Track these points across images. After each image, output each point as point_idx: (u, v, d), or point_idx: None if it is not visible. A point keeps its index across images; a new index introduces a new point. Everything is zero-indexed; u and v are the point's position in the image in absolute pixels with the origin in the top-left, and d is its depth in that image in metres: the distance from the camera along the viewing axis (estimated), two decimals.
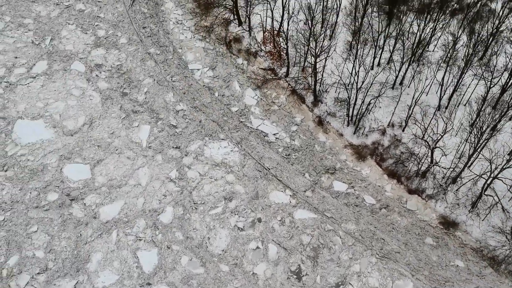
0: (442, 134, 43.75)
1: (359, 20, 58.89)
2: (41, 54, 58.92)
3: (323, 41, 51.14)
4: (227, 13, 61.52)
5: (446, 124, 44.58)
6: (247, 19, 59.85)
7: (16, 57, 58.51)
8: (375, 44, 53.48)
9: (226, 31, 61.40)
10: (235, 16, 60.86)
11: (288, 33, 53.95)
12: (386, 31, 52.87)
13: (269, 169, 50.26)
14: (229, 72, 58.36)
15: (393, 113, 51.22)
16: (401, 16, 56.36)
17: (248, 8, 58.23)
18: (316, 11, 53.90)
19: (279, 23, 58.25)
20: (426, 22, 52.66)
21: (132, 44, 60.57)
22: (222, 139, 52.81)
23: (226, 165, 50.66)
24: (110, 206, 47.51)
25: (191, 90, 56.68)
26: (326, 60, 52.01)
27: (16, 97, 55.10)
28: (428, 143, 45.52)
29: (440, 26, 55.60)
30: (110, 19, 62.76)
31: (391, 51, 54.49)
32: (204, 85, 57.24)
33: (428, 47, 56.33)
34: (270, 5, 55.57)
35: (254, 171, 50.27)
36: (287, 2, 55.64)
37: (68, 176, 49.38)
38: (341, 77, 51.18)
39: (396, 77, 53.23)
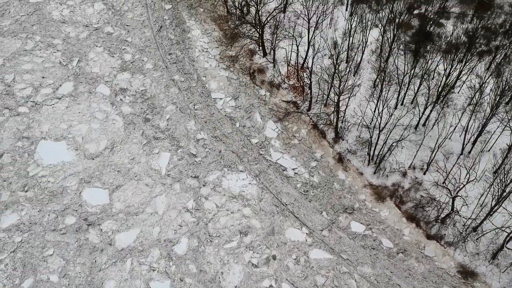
0: (464, 184, 43.04)
1: (385, 57, 58.91)
2: (68, 75, 59.95)
3: (347, 79, 50.99)
4: (253, 44, 61.94)
5: (468, 172, 43.86)
6: (272, 51, 60.16)
7: (43, 77, 59.66)
8: (400, 84, 53.22)
9: (251, 62, 61.78)
10: (260, 47, 61.24)
11: (312, 69, 54.01)
12: (412, 71, 52.52)
13: (286, 204, 49.98)
14: (251, 103, 58.55)
15: (414, 156, 50.67)
16: (427, 56, 56.15)
17: (274, 40, 58.54)
18: (342, 48, 54.06)
19: (303, 58, 58.38)
20: (453, 63, 52.32)
21: (158, 70, 61.28)
22: (240, 171, 52.77)
23: (244, 198, 50.52)
24: (126, 234, 47.63)
25: (213, 119, 56.95)
26: (349, 99, 51.84)
27: (41, 117, 56.01)
28: (449, 190, 44.80)
29: (467, 69, 55.09)
30: (137, 44, 63.70)
31: (416, 91, 54.13)
32: (225, 115, 57.47)
33: (453, 89, 55.84)
34: (296, 40, 55.76)
35: (271, 206, 50.01)
36: (312, 38, 55.82)
37: (87, 200, 49.75)
38: (363, 118, 50.92)
39: (420, 118, 52.76)
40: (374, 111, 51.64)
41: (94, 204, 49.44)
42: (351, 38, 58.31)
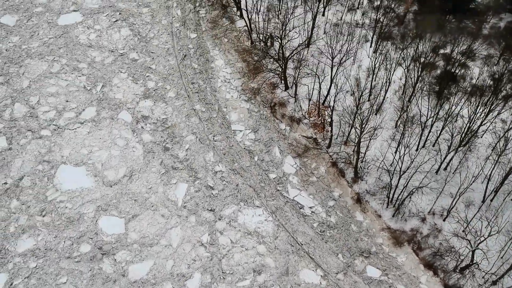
0: (485, 237, 42.06)
1: (408, 97, 58.50)
2: (91, 100, 60.71)
3: (368, 119, 50.57)
4: (275, 77, 62.08)
5: (489, 224, 42.88)
6: (293, 85, 60.18)
7: (67, 101, 60.50)
8: (422, 127, 52.67)
9: (272, 94, 61.86)
10: (282, 81, 61.34)
11: (334, 107, 53.82)
12: (435, 113, 51.93)
13: (302, 244, 49.40)
14: (271, 136, 58.43)
15: (434, 202, 49.81)
16: (451, 99, 55.58)
17: (296, 76, 58.58)
18: (365, 87, 53.81)
19: (325, 95, 58.26)
20: (477, 107, 51.62)
21: (180, 98, 61.69)
22: (257, 206, 52.45)
23: (259, 235, 50.10)
24: (140, 265, 47.50)
25: (232, 152, 56.92)
26: (370, 141, 51.40)
27: (63, 141, 56.65)
28: (469, 242, 43.80)
29: (491, 113, 54.28)
30: (161, 71, 64.33)
31: (438, 135, 53.48)
32: (244, 148, 57.42)
33: (477, 134, 54.99)
34: (319, 78, 55.71)
35: (286, 245, 49.48)
36: (335, 76, 55.73)
37: (103, 228, 49.87)
38: (384, 161, 50.38)
39: (441, 163, 51.98)
40: (395, 155, 51.07)
41: (109, 233, 49.52)
42: (374, 76, 58.10)
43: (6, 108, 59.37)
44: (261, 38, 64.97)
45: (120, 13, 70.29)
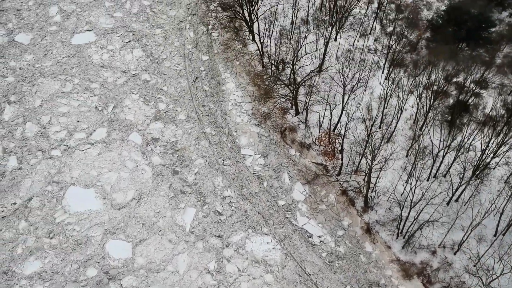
0: (497, 276, 41.24)
1: (419, 126, 58.07)
2: (102, 121, 60.90)
3: (380, 149, 50.16)
4: (286, 102, 61.96)
5: (501, 261, 42.08)
6: (304, 110, 60.00)
7: (78, 121, 60.74)
8: (434, 158, 52.14)
9: (282, 119, 61.70)
10: (293, 106, 61.20)
11: (344, 135, 53.50)
12: (446, 145, 51.40)
13: (310, 275, 48.77)
14: (281, 162, 58.12)
15: (445, 235, 49.06)
16: (464, 129, 55.10)
17: (307, 102, 58.43)
18: (376, 117, 53.50)
19: (336, 123, 57.99)
20: (490, 138, 51.05)
21: (190, 121, 61.71)
22: (265, 234, 51.99)
23: (266, 263, 49.58)
24: None
25: (241, 177, 56.66)
26: (380, 172, 50.93)
27: (73, 162, 56.75)
28: (481, 279, 42.98)
29: (505, 144, 53.65)
30: (172, 93, 64.50)
31: (450, 165, 52.89)
32: (254, 173, 57.15)
33: (489, 165, 54.33)
34: (330, 106, 55.51)
35: (294, 275, 48.89)
36: (346, 104, 55.51)
37: (110, 252, 49.63)
38: (394, 192, 49.84)
39: (453, 195, 51.33)
40: (406, 185, 50.55)
41: (116, 257, 49.26)
42: (386, 104, 57.78)
43: (17, 127, 59.71)
44: (272, 62, 65.01)
45: (133, 34, 70.80)
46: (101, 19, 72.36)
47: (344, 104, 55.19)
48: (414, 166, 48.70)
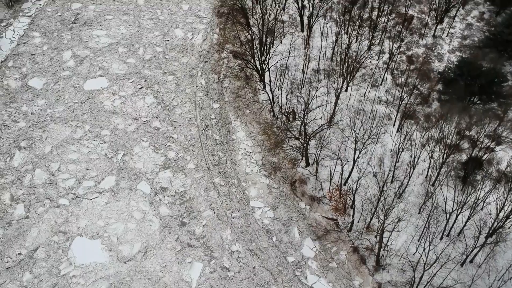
0: None
1: (432, 182, 57.17)
2: (111, 169, 60.61)
3: (392, 208, 49.18)
4: (296, 153, 61.47)
5: None
6: (314, 162, 59.41)
7: (87, 169, 60.50)
8: (447, 217, 51.04)
9: (292, 170, 61.07)
10: (303, 157, 60.66)
11: (356, 191, 52.69)
12: (460, 205, 50.33)
13: None
14: (290, 216, 57.15)
15: None
16: (477, 186, 54.18)
17: (317, 155, 57.88)
18: (387, 176, 52.78)
19: (346, 177, 57.28)
20: (506, 197, 49.99)
21: (199, 170, 61.25)
22: None
23: None
24: None
25: (249, 230, 55.68)
26: (392, 232, 49.81)
27: (80, 211, 56.19)
28: None
29: None
30: (182, 141, 64.31)
31: (464, 225, 51.68)
32: (263, 226, 56.15)
33: (504, 224, 53.07)
34: (341, 162, 54.93)
35: None
36: (357, 160, 54.91)
37: None
38: (407, 251, 48.60)
39: (467, 256, 49.94)
40: (418, 245, 49.33)
41: None
42: (397, 158, 57.13)
43: (26, 173, 59.54)
44: (283, 112, 64.93)
45: (145, 80, 71.32)
46: (114, 65, 73.12)
47: (355, 159, 54.56)
48: (426, 226, 47.56)
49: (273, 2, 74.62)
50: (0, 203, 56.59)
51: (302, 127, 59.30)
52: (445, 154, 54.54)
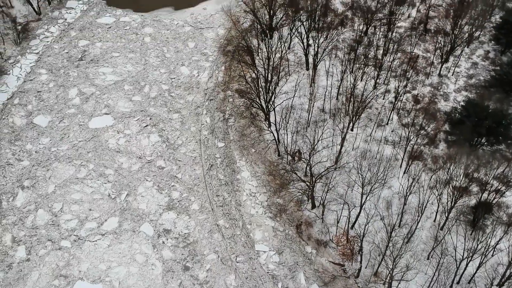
0: None
1: (441, 226, 56.07)
2: (114, 209, 59.84)
3: (400, 256, 47.97)
4: (302, 195, 60.62)
5: None
6: (321, 205, 58.48)
7: (90, 209, 59.75)
8: (457, 265, 49.75)
9: (298, 211, 60.11)
10: (309, 199, 59.77)
11: (363, 236, 51.59)
12: (470, 253, 49.09)
13: None
14: (296, 260, 55.89)
15: None
16: (488, 230, 53.02)
17: (324, 197, 57.03)
18: (395, 222, 51.83)
19: (353, 221, 56.27)
20: None
21: (203, 212, 60.38)
22: None
23: None
24: None
25: (254, 276, 54.40)
26: (400, 282, 48.48)
27: (82, 254, 55.19)
28: None
29: None
30: (187, 181, 63.63)
31: (474, 272, 50.31)
32: (268, 271, 54.86)
33: None
34: (349, 206, 54.05)
35: None
36: (364, 203, 54.01)
37: None
38: None
39: None
40: None
41: None
42: (405, 200, 56.17)
43: (29, 214, 58.83)
44: (288, 151, 64.39)
45: (150, 118, 71.19)
46: (119, 103, 73.17)
47: (362, 203, 53.66)
48: (436, 274, 46.29)
49: (279, 41, 75.04)
50: (1, 245, 55.71)
51: (308, 168, 58.61)
52: (454, 198, 53.60)
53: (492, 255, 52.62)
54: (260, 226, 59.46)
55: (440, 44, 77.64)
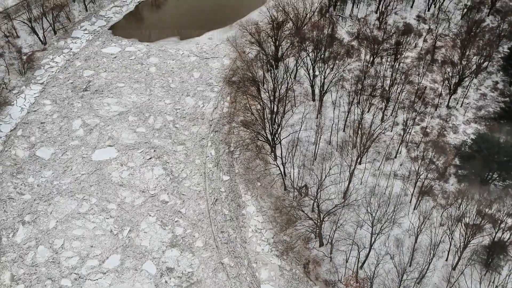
0: None
1: (453, 266, 54.18)
2: (116, 246, 58.29)
3: None
4: (309, 232, 58.93)
5: None
6: (329, 243, 56.74)
7: (92, 246, 58.23)
8: None
9: (306, 250, 58.30)
10: (317, 237, 58.05)
11: (373, 278, 49.75)
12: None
13: None
14: None
15: None
16: (502, 271, 51.09)
17: (331, 238, 55.31)
18: (407, 263, 50.02)
19: (363, 261, 54.45)
20: None
21: (208, 249, 58.70)
22: None
23: None
24: None
25: None
26: None
27: None
28: None
29: None
30: (190, 217, 62.15)
31: None
32: None
33: None
34: (358, 247, 52.31)
35: None
36: (374, 243, 52.30)
37: None
38: None
39: None
40: None
41: None
42: (416, 239, 54.41)
43: (29, 251, 57.38)
44: (295, 186, 62.95)
45: (154, 150, 70.13)
46: (123, 134, 72.27)
47: (372, 243, 51.94)
48: None
49: (285, 73, 74.33)
50: None
51: (314, 203, 57.06)
52: (466, 237, 51.83)
53: None
54: (266, 264, 57.67)
55: (448, 75, 76.67)
